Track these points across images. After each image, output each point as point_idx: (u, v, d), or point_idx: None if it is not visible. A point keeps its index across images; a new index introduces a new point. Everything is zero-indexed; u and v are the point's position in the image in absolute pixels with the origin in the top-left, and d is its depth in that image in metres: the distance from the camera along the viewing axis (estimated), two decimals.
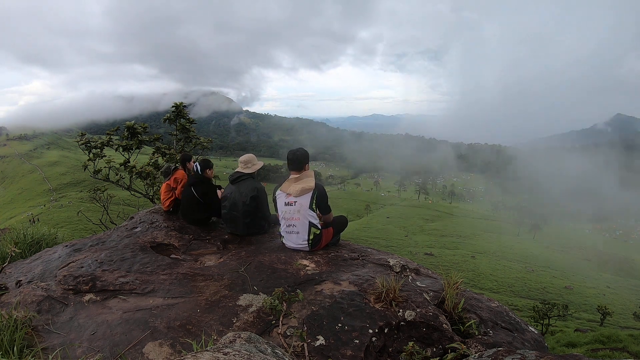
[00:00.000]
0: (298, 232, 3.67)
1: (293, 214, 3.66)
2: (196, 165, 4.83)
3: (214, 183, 5.09)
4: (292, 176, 3.77)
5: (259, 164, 4.54)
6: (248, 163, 4.45)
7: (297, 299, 2.33)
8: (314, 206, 3.65)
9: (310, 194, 3.62)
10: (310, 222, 3.63)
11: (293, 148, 3.87)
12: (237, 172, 4.45)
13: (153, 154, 8.75)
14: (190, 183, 4.74)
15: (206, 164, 4.81)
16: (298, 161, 3.74)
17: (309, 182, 3.67)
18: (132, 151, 8.53)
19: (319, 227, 3.71)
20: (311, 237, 3.65)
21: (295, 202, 3.65)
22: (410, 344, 2.27)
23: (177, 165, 5.71)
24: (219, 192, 4.85)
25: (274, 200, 3.90)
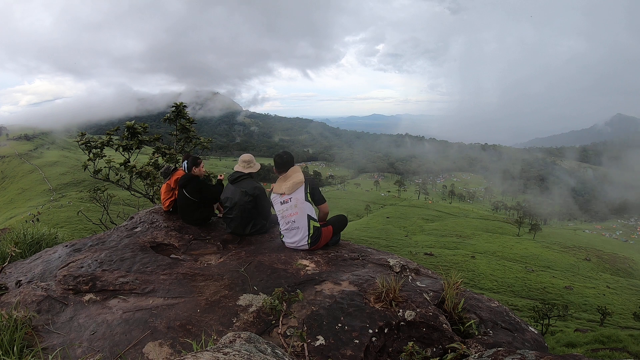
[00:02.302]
0: (298, 227, 3.74)
1: (291, 210, 3.74)
2: (184, 164, 4.80)
3: (202, 179, 5.00)
4: (280, 177, 3.93)
5: (258, 165, 4.59)
6: (250, 163, 4.47)
7: (297, 299, 2.33)
8: (309, 198, 3.78)
9: (302, 187, 3.78)
10: (308, 216, 3.72)
11: (279, 151, 4.06)
12: (237, 172, 4.45)
13: (153, 154, 8.74)
14: (180, 185, 4.71)
15: (193, 162, 4.76)
16: (285, 163, 3.93)
17: (298, 176, 3.82)
18: (132, 151, 8.52)
19: (317, 219, 3.82)
20: (311, 232, 3.71)
21: (290, 198, 3.75)
22: (410, 344, 2.27)
23: (176, 165, 5.69)
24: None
25: (271, 204, 4.01)
